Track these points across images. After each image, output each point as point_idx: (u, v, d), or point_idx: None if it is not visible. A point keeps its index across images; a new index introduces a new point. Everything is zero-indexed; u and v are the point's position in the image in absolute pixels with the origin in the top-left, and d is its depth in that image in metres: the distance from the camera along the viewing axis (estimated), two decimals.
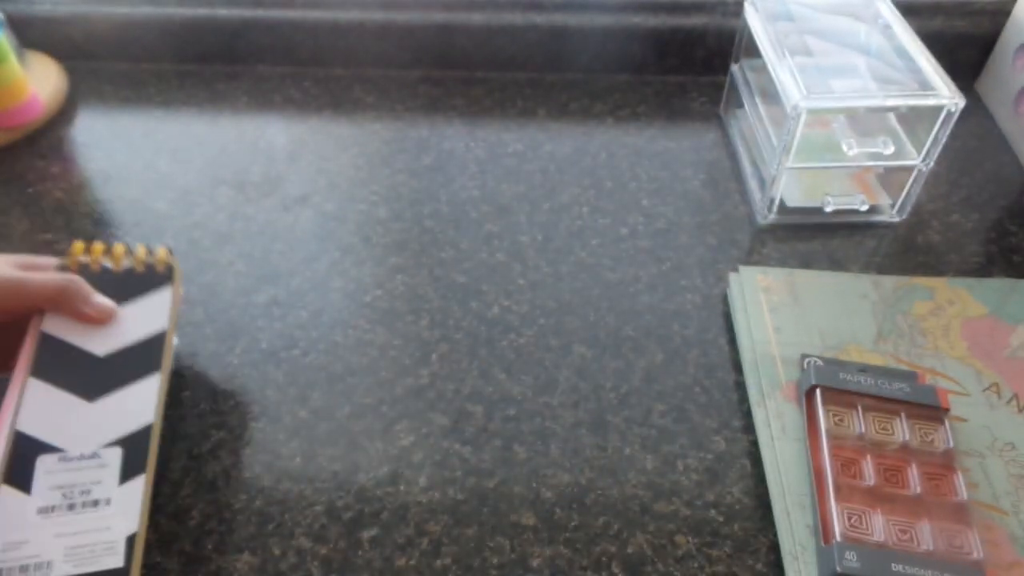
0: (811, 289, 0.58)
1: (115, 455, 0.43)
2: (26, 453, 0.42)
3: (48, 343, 0.45)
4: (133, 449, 0.43)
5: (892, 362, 0.53)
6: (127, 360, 0.45)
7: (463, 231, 0.65)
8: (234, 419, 0.52)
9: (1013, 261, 0.61)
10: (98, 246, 0.48)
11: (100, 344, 0.46)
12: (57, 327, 0.45)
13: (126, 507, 0.41)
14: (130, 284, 0.48)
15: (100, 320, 0.46)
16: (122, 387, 0.45)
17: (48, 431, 0.42)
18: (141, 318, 0.47)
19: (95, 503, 0.41)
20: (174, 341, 0.48)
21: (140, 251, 0.49)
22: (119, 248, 0.48)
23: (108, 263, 0.48)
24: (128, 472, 0.42)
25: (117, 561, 0.40)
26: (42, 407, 0.43)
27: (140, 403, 0.44)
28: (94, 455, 0.42)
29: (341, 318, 0.58)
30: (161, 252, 0.49)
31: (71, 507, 0.41)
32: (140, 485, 0.42)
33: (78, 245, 0.48)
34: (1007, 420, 0.50)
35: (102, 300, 0.47)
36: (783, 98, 0.58)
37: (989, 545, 0.43)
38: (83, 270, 0.47)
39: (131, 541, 0.41)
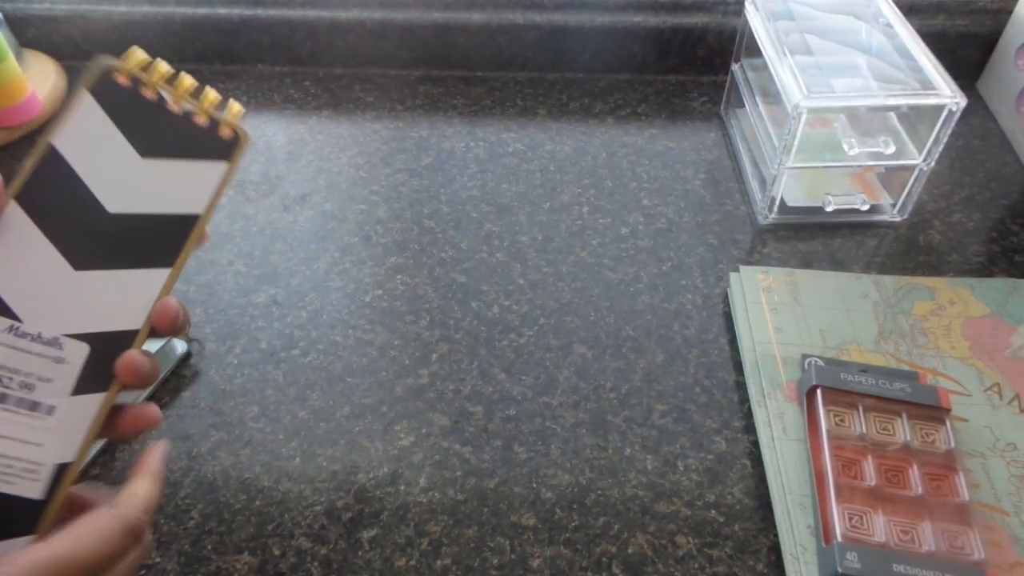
0: (812, 289, 0.58)
1: (79, 353, 0.33)
2: None
3: (53, 164, 0.33)
4: (103, 355, 0.33)
5: (893, 362, 0.53)
6: (139, 233, 0.34)
7: (463, 231, 0.65)
8: (234, 419, 0.52)
9: (1015, 261, 0.61)
10: (163, 66, 0.35)
11: (116, 195, 0.34)
12: (74, 145, 0.33)
13: (69, 426, 0.32)
14: (182, 134, 0.35)
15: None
16: (119, 267, 0.34)
17: (8, 287, 0.32)
18: (177, 186, 0.35)
19: (33, 405, 0.32)
20: (207, 232, 0.36)
21: (210, 96, 0.36)
22: (187, 82, 0.35)
23: (166, 93, 0.35)
24: (87, 383, 0.33)
25: (34, 491, 0.31)
26: (13, 252, 0.32)
27: (132, 299, 0.34)
28: (54, 342, 0.32)
29: (341, 318, 0.58)
30: (233, 109, 0.36)
31: (1, 397, 0.31)
32: (95, 407, 0.33)
33: (137, 55, 0.35)
34: (1009, 420, 0.50)
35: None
36: (784, 97, 0.58)
37: (990, 546, 0.43)
38: (132, 92, 0.34)
39: (60, 472, 0.32)
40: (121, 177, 0.34)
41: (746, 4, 0.68)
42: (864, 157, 0.61)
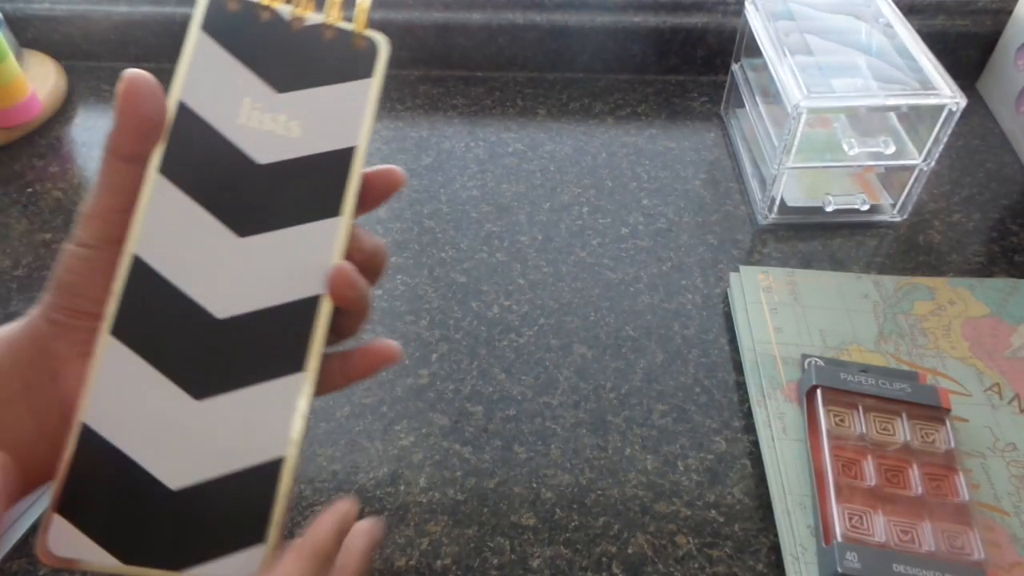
0: (812, 289, 0.58)
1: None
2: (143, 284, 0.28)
3: (188, 124, 0.28)
4: (292, 327, 0.28)
5: (893, 362, 0.53)
6: (294, 181, 0.29)
7: (463, 231, 0.65)
8: None
9: (1015, 261, 0.61)
10: None
11: (262, 143, 0.29)
12: (203, 96, 0.29)
13: (274, 414, 0.28)
14: (313, 56, 0.30)
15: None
16: (282, 225, 0.29)
17: (175, 265, 0.28)
18: (323, 119, 0.30)
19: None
20: (360, 169, 0.30)
21: (334, 2, 0.30)
22: None
23: (284, 11, 0.30)
24: (276, 365, 0.28)
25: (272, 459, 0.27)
26: (175, 230, 0.28)
27: (305, 258, 0.28)
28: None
29: None
30: (362, 7, 0.30)
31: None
32: (299, 387, 0.28)
33: None
34: (1008, 420, 0.50)
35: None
36: (784, 97, 0.58)
37: (990, 546, 0.43)
38: (247, 16, 0.29)
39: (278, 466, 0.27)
40: (262, 121, 0.29)
41: (746, 4, 0.68)
42: (864, 157, 0.61)
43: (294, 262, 0.28)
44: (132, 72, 0.28)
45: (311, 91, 0.30)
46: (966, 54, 0.77)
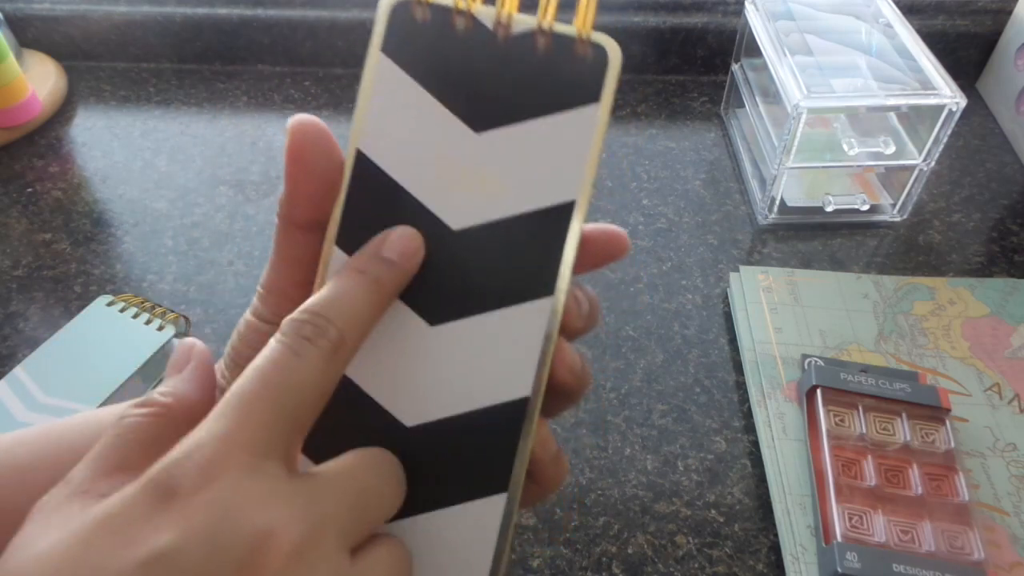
0: (812, 289, 0.58)
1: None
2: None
3: (368, 179, 0.23)
4: (496, 438, 0.23)
5: (893, 362, 0.53)
6: (498, 252, 0.23)
7: None
8: None
9: (1015, 261, 0.61)
10: None
11: (457, 202, 0.23)
12: (387, 142, 0.23)
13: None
14: (522, 75, 0.23)
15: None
16: (483, 310, 0.23)
17: (372, 378, 0.23)
18: (532, 163, 0.23)
19: None
20: (579, 231, 0.23)
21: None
22: None
23: (485, 14, 0.23)
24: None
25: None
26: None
27: (510, 352, 0.23)
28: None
29: None
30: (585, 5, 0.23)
31: None
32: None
33: None
34: (1009, 420, 0.50)
35: None
36: (784, 97, 0.58)
37: (990, 546, 0.43)
38: (438, 27, 0.23)
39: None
40: (456, 171, 0.23)
41: (746, 4, 0.68)
42: (864, 157, 0.61)
43: (497, 355, 0.23)
44: (299, 121, 0.23)
45: (519, 127, 0.23)
46: (966, 54, 0.77)
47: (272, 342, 0.21)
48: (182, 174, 0.70)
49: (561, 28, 0.23)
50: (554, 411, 0.25)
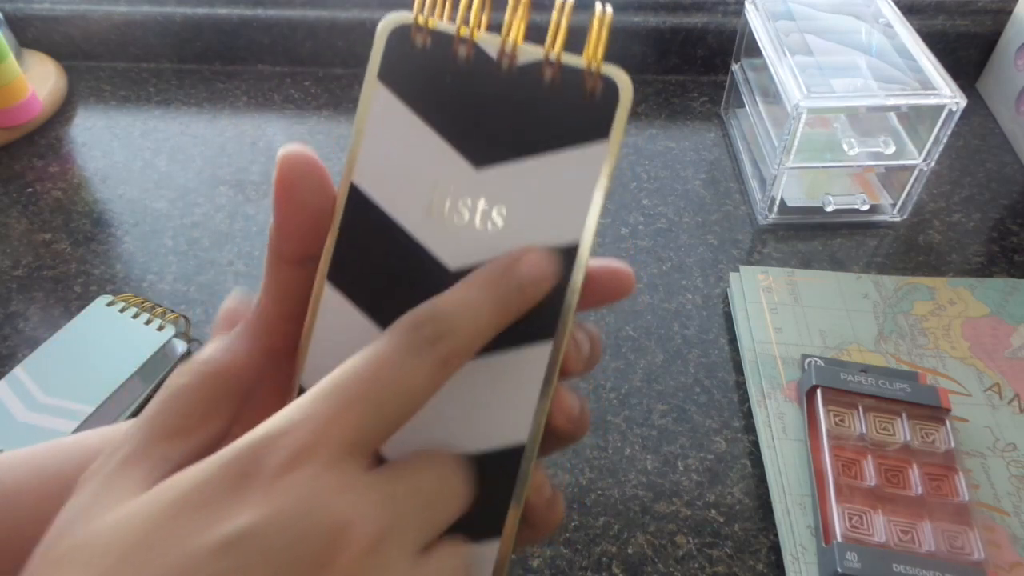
0: (812, 289, 0.58)
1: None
2: None
3: (361, 215, 0.22)
4: (492, 483, 0.23)
5: (893, 362, 0.53)
6: None
7: None
8: None
9: (1015, 261, 0.61)
10: None
11: (454, 241, 0.22)
12: (381, 176, 0.22)
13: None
14: (525, 108, 0.22)
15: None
16: (482, 354, 0.22)
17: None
18: (533, 202, 0.22)
19: None
20: (582, 274, 0.22)
21: (560, 27, 0.22)
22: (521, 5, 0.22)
23: (488, 41, 0.22)
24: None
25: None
26: (339, 348, 0.21)
27: (510, 398, 0.23)
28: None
29: None
30: (597, 29, 0.22)
31: None
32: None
33: None
34: (1009, 420, 0.50)
35: None
36: (784, 97, 0.58)
37: (990, 546, 0.43)
38: (439, 54, 0.22)
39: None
40: (455, 209, 0.22)
41: (746, 4, 0.68)
42: (864, 157, 0.61)
43: (495, 399, 0.22)
44: (289, 152, 0.22)
45: (521, 164, 0.22)
46: (966, 54, 0.77)
47: (387, 336, 0.19)
48: (182, 174, 0.70)
49: (570, 60, 0.22)
50: (551, 451, 0.24)
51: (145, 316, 0.55)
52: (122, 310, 0.56)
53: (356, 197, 0.22)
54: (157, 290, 0.60)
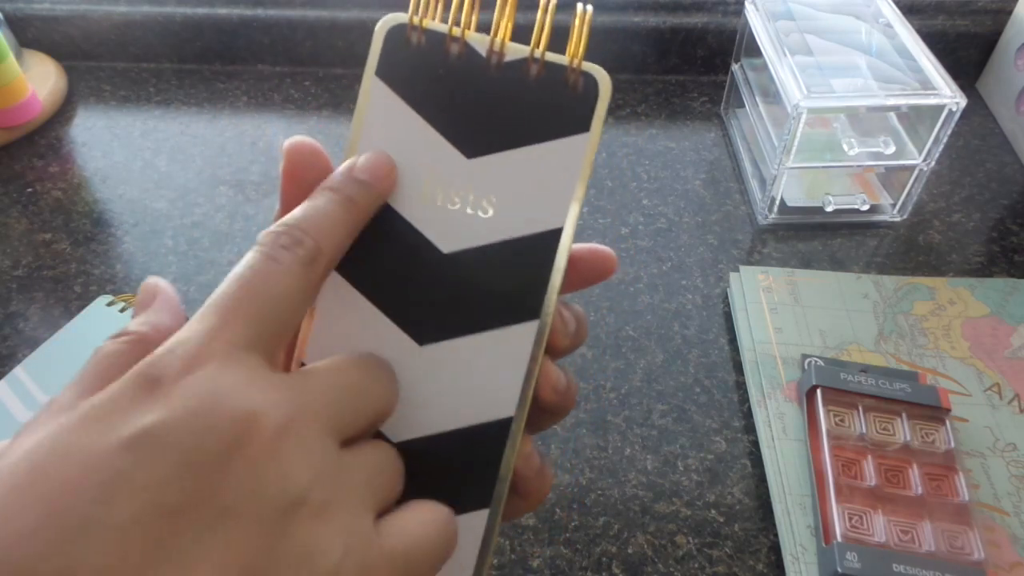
0: (812, 289, 0.58)
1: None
2: None
3: None
4: (479, 455, 0.24)
5: (893, 362, 0.53)
6: (486, 275, 0.24)
7: None
8: None
9: (1015, 261, 0.61)
10: None
11: (447, 226, 0.24)
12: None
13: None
14: (512, 102, 0.24)
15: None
16: (469, 332, 0.24)
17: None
18: (521, 189, 0.24)
19: None
20: (565, 258, 0.24)
21: (543, 27, 0.24)
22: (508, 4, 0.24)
23: (476, 39, 0.24)
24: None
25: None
26: (353, 337, 0.24)
27: (494, 376, 0.24)
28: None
29: None
30: (579, 25, 0.24)
31: None
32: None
33: None
34: (1009, 420, 0.50)
35: None
36: (784, 97, 0.58)
37: (990, 546, 0.43)
38: (433, 52, 0.24)
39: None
40: (448, 196, 0.24)
41: (746, 4, 0.68)
42: (864, 157, 0.61)
43: (483, 375, 0.24)
44: (295, 142, 0.23)
45: (509, 154, 0.24)
46: (966, 54, 0.77)
47: (250, 253, 0.21)
48: (182, 174, 0.70)
49: (553, 57, 0.24)
50: (540, 427, 0.25)
51: None
52: (122, 310, 0.56)
53: None
54: None
